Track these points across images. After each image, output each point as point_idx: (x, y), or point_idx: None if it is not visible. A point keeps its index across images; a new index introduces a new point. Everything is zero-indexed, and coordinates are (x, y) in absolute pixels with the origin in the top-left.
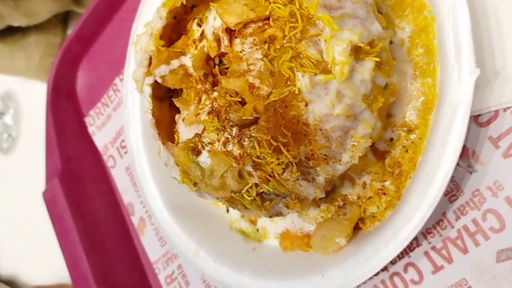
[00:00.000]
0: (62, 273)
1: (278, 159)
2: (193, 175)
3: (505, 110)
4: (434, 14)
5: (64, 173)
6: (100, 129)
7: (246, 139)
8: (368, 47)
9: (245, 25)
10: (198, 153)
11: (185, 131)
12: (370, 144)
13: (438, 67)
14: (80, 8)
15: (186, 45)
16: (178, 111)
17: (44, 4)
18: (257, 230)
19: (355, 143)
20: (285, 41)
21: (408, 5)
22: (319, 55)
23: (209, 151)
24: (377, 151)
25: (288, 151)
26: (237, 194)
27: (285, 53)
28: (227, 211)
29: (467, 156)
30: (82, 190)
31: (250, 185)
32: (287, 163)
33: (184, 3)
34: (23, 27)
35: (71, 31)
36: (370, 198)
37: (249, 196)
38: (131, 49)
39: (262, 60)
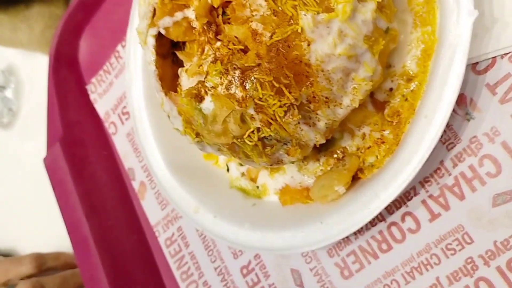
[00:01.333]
0: (60, 242)
1: (280, 101)
2: (196, 124)
3: (502, 56)
4: None
5: (66, 138)
6: (102, 96)
7: (248, 81)
8: None
9: None
10: (201, 99)
11: (187, 83)
12: (371, 87)
13: (438, 12)
14: None
15: None
16: (181, 67)
17: None
18: (257, 187)
19: (356, 86)
20: None
21: None
22: None
23: (212, 95)
24: (377, 102)
25: (290, 92)
26: (239, 140)
27: None
28: (227, 170)
29: (464, 104)
30: (83, 155)
31: (252, 129)
32: (289, 106)
33: None
34: None
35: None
36: (369, 147)
37: (250, 141)
38: (134, 11)
39: (266, 1)
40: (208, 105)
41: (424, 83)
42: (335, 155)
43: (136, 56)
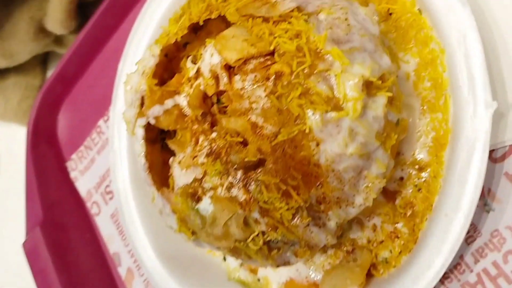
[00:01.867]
0: None
1: (287, 204)
2: (192, 224)
3: None
4: (443, 46)
5: (46, 221)
6: (83, 173)
7: (252, 183)
8: (380, 82)
9: (246, 61)
10: (198, 199)
11: (181, 175)
12: (384, 184)
13: (451, 101)
14: (61, 49)
15: (180, 84)
16: (171, 154)
17: (25, 45)
18: (258, 279)
19: (369, 184)
20: (292, 77)
21: (411, 37)
22: (330, 91)
23: (211, 197)
24: (387, 191)
25: (298, 194)
26: (241, 243)
27: (293, 89)
28: (224, 259)
29: (482, 194)
30: (65, 240)
31: (256, 233)
32: (297, 208)
33: (179, 40)
34: (1, 69)
35: (51, 72)
36: (381, 242)
37: (255, 245)
38: (117, 89)
39: (266, 97)
40: (206, 206)
41: (439, 177)
42: (345, 248)
43: (120, 134)
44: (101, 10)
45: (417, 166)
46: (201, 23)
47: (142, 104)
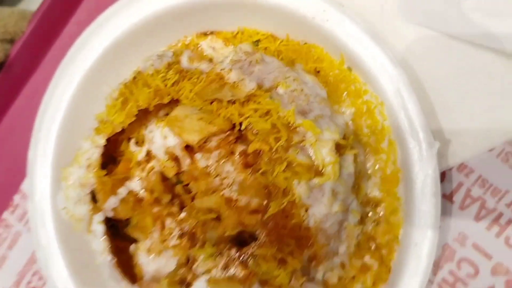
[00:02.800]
0: None
1: (284, 270)
2: None
3: (450, 169)
4: (380, 99)
5: None
6: None
7: (249, 259)
8: (345, 141)
9: (206, 139)
10: (188, 286)
11: (149, 262)
12: (361, 230)
13: (397, 145)
14: None
15: (128, 169)
16: (124, 241)
17: None
18: None
19: (349, 233)
20: (273, 153)
21: (343, 90)
22: (309, 159)
23: (207, 280)
24: None
25: (293, 259)
26: None
27: (277, 164)
28: None
29: None
30: None
31: None
32: (292, 271)
33: (125, 127)
34: None
35: None
36: (353, 277)
37: None
38: (31, 179)
39: (236, 171)
40: None
41: (398, 211)
42: None
43: (46, 227)
44: None
45: (372, 203)
46: (151, 109)
47: (92, 199)
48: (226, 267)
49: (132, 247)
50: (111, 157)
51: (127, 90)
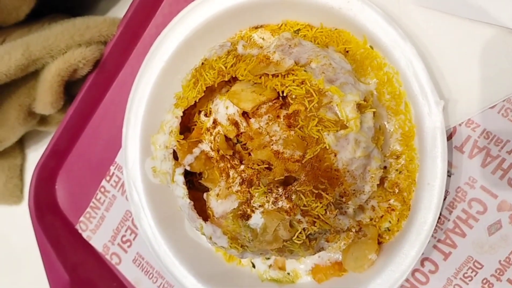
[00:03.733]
0: None
1: (320, 202)
2: (242, 239)
3: (460, 125)
4: (396, 69)
5: (73, 282)
6: (95, 231)
7: (293, 194)
8: (365, 102)
9: (258, 107)
10: (248, 217)
11: (218, 205)
12: (382, 173)
13: (411, 106)
14: (42, 127)
15: (200, 134)
16: (198, 191)
17: (14, 131)
18: (288, 273)
19: (373, 175)
20: (308, 112)
21: (367, 65)
22: (336, 116)
23: (262, 212)
24: None
25: (327, 194)
26: (288, 242)
27: (311, 121)
28: (253, 266)
29: None
30: None
31: (299, 231)
32: (327, 204)
33: (197, 101)
34: None
35: (29, 150)
36: (382, 216)
37: (299, 240)
38: (125, 151)
39: (282, 130)
40: (256, 221)
41: (415, 159)
42: (353, 229)
43: (137, 188)
44: (86, 86)
45: (395, 156)
46: (215, 86)
47: (174, 157)
48: (275, 201)
49: (205, 195)
50: (187, 127)
51: (197, 73)
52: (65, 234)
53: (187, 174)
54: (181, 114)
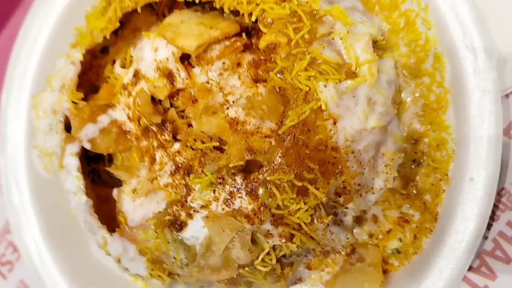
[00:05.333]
0: None
1: (305, 203)
2: (171, 262)
3: (507, 96)
4: (424, 4)
5: None
6: None
7: (259, 187)
8: (384, 42)
9: (205, 48)
10: (181, 226)
11: (135, 207)
12: (403, 159)
13: (445, 59)
14: None
15: (112, 95)
16: (106, 187)
17: None
18: None
19: (388, 162)
20: (292, 47)
21: (374, 4)
22: (339, 57)
23: (205, 217)
24: None
25: (317, 189)
26: (247, 269)
27: (297, 62)
28: None
29: None
30: None
31: (266, 250)
32: (315, 207)
33: (108, 37)
34: None
35: None
36: (389, 231)
37: (265, 266)
38: (4, 130)
39: (243, 85)
40: (194, 232)
41: (447, 143)
42: (342, 250)
43: (18, 184)
44: None
45: (411, 140)
46: (139, 10)
47: (67, 128)
48: (229, 199)
49: (114, 191)
50: (93, 86)
51: None
52: None
53: (90, 159)
54: (81, 58)
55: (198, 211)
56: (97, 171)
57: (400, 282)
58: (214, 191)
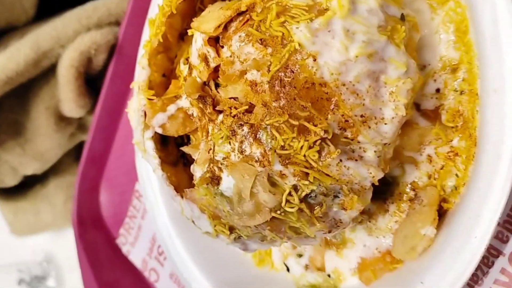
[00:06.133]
0: None
1: (307, 140)
2: (223, 215)
3: None
4: None
5: None
6: (134, 244)
7: (261, 132)
8: None
9: (226, 26)
10: (218, 181)
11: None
12: (412, 85)
13: None
14: (86, 134)
15: (178, 88)
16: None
17: (50, 139)
18: (328, 275)
19: (393, 89)
20: (265, 2)
21: None
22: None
23: (226, 167)
24: (427, 113)
25: (315, 126)
26: (279, 213)
27: (269, 13)
28: (287, 270)
29: None
30: None
31: (287, 191)
32: (321, 143)
33: (161, 40)
34: (40, 175)
35: None
36: (442, 168)
37: (292, 207)
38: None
39: (257, 49)
40: (227, 183)
41: (473, 60)
42: (405, 196)
43: (150, 180)
44: (108, 79)
45: (448, 69)
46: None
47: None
48: (241, 147)
49: (191, 166)
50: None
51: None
52: (105, 250)
53: (179, 146)
54: (146, 62)
55: (222, 163)
56: (185, 157)
57: (451, 218)
58: (230, 143)
